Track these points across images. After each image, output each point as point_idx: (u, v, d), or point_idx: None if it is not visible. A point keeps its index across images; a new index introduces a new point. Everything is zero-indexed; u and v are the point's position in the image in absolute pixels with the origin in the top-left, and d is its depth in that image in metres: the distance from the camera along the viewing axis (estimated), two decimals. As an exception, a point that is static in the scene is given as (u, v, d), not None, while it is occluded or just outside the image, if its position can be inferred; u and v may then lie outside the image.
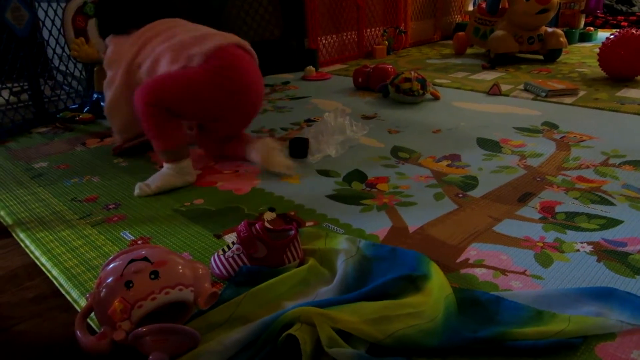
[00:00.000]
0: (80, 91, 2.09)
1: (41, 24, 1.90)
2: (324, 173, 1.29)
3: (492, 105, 1.85)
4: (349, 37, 3.00)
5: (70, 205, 1.14)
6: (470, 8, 3.77)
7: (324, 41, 2.83)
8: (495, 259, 0.86)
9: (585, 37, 3.36)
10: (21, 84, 2.16)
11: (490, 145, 1.43)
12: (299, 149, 1.37)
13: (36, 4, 2.09)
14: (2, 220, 1.09)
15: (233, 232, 0.97)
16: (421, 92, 1.86)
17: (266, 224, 0.87)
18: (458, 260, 0.86)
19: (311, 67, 2.51)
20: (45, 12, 1.89)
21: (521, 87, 2.09)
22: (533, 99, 1.92)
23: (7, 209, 1.13)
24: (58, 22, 1.91)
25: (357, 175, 1.27)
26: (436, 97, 1.94)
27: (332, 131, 1.39)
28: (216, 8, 2.32)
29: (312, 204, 1.10)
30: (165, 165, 1.22)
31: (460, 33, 3.05)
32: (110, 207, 1.13)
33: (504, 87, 2.08)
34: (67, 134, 1.72)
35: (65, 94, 2.03)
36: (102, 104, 1.87)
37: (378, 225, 0.99)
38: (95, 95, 1.92)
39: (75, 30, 1.78)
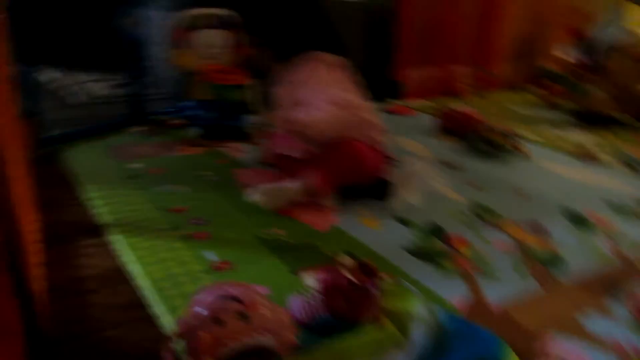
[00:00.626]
0: (174, 94, 2.21)
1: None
2: (403, 221, 1.29)
3: (582, 172, 1.78)
4: (435, 72, 2.98)
5: (162, 213, 1.21)
6: (563, 56, 3.66)
7: (409, 74, 2.83)
8: (577, 359, 0.83)
9: None
10: (118, 78, 2.33)
11: (579, 220, 1.38)
12: (381, 190, 1.38)
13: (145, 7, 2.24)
14: (98, 218, 1.17)
15: (310, 272, 1.00)
16: (508, 147, 1.82)
17: (350, 277, 0.89)
18: (536, 350, 0.84)
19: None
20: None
21: (617, 155, 2.00)
22: (631, 173, 1.82)
23: (106, 206, 1.22)
24: (160, 25, 2.02)
25: (436, 230, 1.26)
26: (522, 154, 1.89)
27: (417, 177, 1.39)
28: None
29: (390, 255, 1.11)
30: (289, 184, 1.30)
31: (552, 83, 2.97)
32: (198, 222, 1.18)
33: (598, 153, 1.99)
34: (161, 137, 1.82)
35: (160, 95, 2.15)
36: (194, 111, 1.97)
37: (455, 292, 0.98)
38: (188, 102, 2.01)
39: (181, 41, 1.88)
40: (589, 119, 2.48)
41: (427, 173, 1.41)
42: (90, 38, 2.46)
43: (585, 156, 1.94)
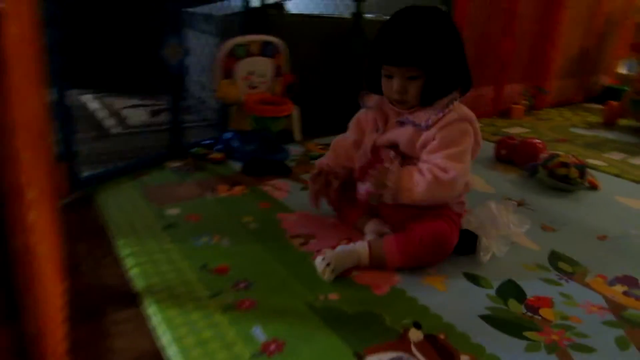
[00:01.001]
0: (215, 125, 2.11)
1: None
2: (472, 279, 1.13)
3: (666, 209, 1.59)
4: (485, 91, 2.80)
5: (201, 275, 1.08)
6: (624, 71, 3.42)
7: (460, 94, 2.66)
8: None
9: None
10: (157, 103, 2.23)
11: (677, 273, 1.19)
12: (467, 244, 1.21)
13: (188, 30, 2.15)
14: (132, 283, 1.05)
15: (377, 355, 0.85)
16: (579, 181, 1.64)
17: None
18: None
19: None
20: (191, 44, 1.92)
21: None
22: None
23: (141, 267, 1.09)
24: (202, 51, 1.93)
25: (513, 289, 1.09)
26: (595, 187, 1.70)
27: (498, 224, 1.22)
28: (357, 56, 2.24)
29: (464, 326, 0.95)
30: (360, 246, 1.14)
31: (614, 102, 2.75)
32: (241, 285, 1.05)
33: (676, 183, 1.78)
34: (198, 174, 1.71)
35: (198, 122, 2.06)
36: (234, 144, 1.86)
37: (552, 381, 0.82)
38: (228, 134, 1.90)
39: (224, 71, 1.77)
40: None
41: (503, 215, 1.23)
42: (130, 60, 2.39)
43: (665, 187, 1.73)
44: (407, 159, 1.16)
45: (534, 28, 2.90)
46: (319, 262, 1.09)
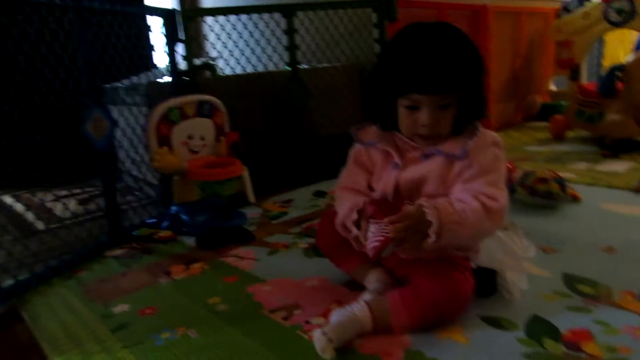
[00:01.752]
0: (157, 201, 1.89)
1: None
2: (493, 322, 0.95)
3: (653, 208, 1.50)
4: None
5: (168, 384, 0.84)
6: (554, 87, 3.50)
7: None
8: None
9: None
10: (87, 190, 1.95)
11: None
12: (486, 284, 1.04)
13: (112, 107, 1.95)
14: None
15: None
16: (562, 194, 1.54)
17: None
18: None
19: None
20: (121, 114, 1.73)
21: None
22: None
23: (85, 389, 0.85)
24: (131, 125, 1.74)
25: (543, 326, 0.93)
26: (577, 199, 1.60)
27: (513, 253, 1.06)
28: (299, 108, 2.12)
29: (507, 384, 0.77)
30: (357, 310, 0.94)
31: (558, 116, 2.76)
32: (222, 387, 0.82)
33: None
34: (146, 258, 1.47)
35: (138, 202, 1.84)
36: (183, 217, 1.64)
37: None
38: (174, 208, 1.69)
39: (159, 138, 1.58)
40: (617, 147, 2.24)
41: (515, 241, 1.08)
42: (50, 148, 2.13)
43: (639, 187, 1.67)
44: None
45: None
46: (318, 338, 0.88)
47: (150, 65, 2.30)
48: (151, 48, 1.91)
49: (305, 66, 2.31)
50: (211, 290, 1.20)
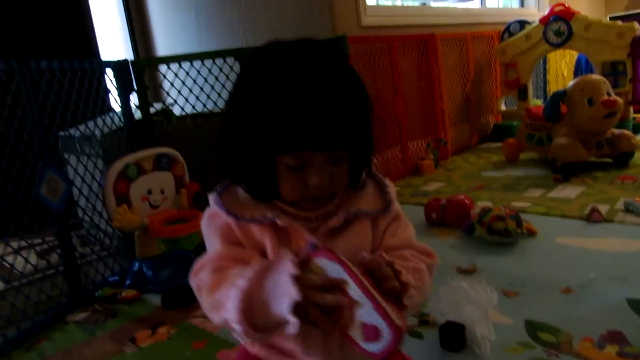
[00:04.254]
0: (117, 252, 1.84)
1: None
2: (462, 381, 0.98)
3: (604, 240, 1.57)
4: (392, 154, 2.80)
5: None
6: (503, 107, 3.63)
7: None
8: None
9: (638, 129, 3.16)
10: (44, 239, 1.85)
11: (654, 313, 1.13)
12: (454, 339, 1.06)
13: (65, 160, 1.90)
14: None
15: None
16: (518, 231, 1.59)
17: None
18: None
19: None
20: (75, 168, 1.68)
21: (620, 207, 1.82)
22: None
23: None
24: (87, 174, 1.70)
25: (510, 384, 0.96)
26: (533, 233, 1.66)
27: (479, 304, 1.09)
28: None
29: None
30: None
31: (510, 139, 2.85)
32: None
33: (600, 207, 1.79)
34: (110, 322, 1.44)
35: (98, 254, 1.79)
36: (146, 273, 1.61)
37: None
38: (137, 264, 1.65)
39: (117, 196, 1.55)
40: (566, 170, 2.33)
41: (479, 292, 1.10)
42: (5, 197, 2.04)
43: (591, 215, 1.74)
44: None
45: (418, 84, 3.00)
46: None
47: (105, 110, 2.26)
48: (107, 95, 1.87)
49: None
50: (179, 358, 1.18)
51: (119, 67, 1.81)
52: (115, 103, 1.88)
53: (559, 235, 1.64)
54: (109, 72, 1.80)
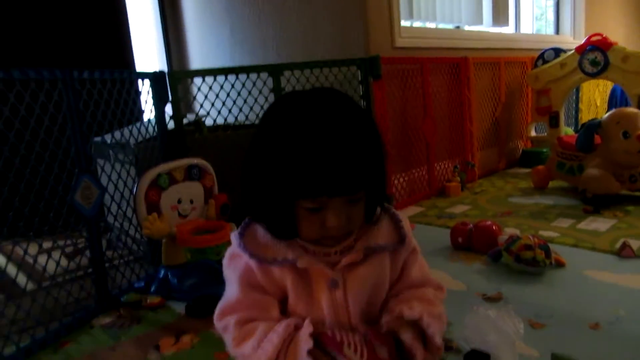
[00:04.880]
0: (143, 257, 1.87)
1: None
2: (485, 413, 0.97)
3: (635, 276, 1.53)
4: (418, 174, 2.79)
5: None
6: (533, 133, 3.60)
7: (394, 181, 2.61)
8: None
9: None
10: (73, 241, 1.88)
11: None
12: None
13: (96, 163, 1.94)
14: None
15: None
16: (547, 261, 1.56)
17: None
18: None
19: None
20: (103, 169, 1.72)
21: (650, 242, 1.78)
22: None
23: None
24: (119, 180, 1.73)
25: (535, 419, 0.94)
26: (561, 264, 1.63)
27: (507, 335, 1.07)
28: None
29: None
30: None
31: (540, 167, 2.82)
32: None
33: (631, 242, 1.75)
34: (136, 328, 1.46)
35: (124, 258, 1.82)
36: (172, 281, 1.64)
37: None
38: (162, 271, 1.68)
39: (148, 204, 1.58)
40: (597, 202, 2.29)
41: (507, 322, 1.08)
42: (31, 195, 2.09)
43: (622, 250, 1.70)
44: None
45: (448, 106, 2.99)
46: None
47: (139, 119, 2.31)
48: (141, 104, 1.92)
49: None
50: (203, 370, 1.19)
51: (156, 78, 1.86)
52: (149, 113, 1.92)
53: (588, 269, 1.61)
54: (145, 82, 1.84)
